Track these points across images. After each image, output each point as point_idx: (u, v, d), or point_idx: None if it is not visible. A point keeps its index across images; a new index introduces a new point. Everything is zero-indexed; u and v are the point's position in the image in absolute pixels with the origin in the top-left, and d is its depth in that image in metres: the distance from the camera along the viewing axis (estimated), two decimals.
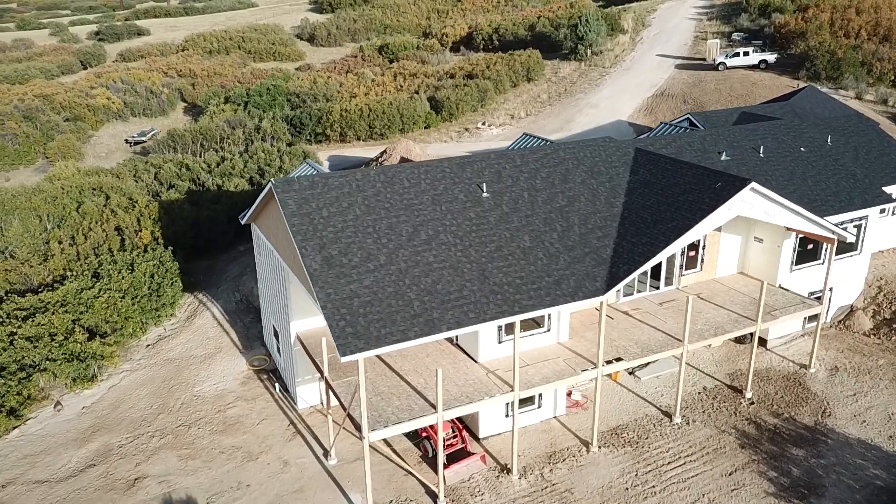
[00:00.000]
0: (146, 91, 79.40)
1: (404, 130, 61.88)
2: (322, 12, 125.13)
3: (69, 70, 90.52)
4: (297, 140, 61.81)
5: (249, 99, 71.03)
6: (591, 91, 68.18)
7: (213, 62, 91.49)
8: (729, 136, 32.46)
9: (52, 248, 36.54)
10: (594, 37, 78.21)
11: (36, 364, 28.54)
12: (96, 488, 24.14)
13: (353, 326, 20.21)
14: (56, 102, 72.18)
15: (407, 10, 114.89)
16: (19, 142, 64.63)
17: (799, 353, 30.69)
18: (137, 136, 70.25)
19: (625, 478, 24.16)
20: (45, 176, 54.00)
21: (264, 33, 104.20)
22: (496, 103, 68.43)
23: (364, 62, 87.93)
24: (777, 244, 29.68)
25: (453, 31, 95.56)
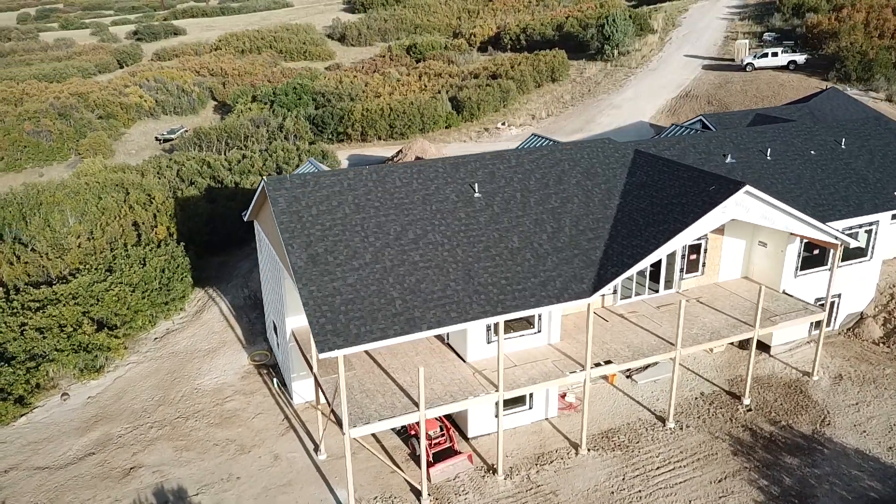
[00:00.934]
0: (178, 90, 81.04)
1: (424, 130, 62.13)
2: (355, 12, 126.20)
3: (106, 69, 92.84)
4: (318, 139, 62.54)
5: (275, 98, 72.01)
6: (614, 92, 67.59)
7: (245, 61, 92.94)
8: (736, 139, 31.98)
9: (69, 241, 37.62)
10: (621, 37, 77.50)
11: (44, 354, 29.46)
12: (93, 476, 24.87)
13: (334, 324, 20.48)
14: (90, 100, 74.12)
15: (437, 10, 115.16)
16: (53, 138, 66.50)
17: (803, 361, 30.10)
18: (167, 134, 71.72)
19: (611, 481, 24.02)
20: (73, 172, 55.61)
21: (295, 33, 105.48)
22: (518, 103, 68.28)
23: (391, 62, 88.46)
24: (781, 249, 29.15)
25: (481, 32, 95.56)
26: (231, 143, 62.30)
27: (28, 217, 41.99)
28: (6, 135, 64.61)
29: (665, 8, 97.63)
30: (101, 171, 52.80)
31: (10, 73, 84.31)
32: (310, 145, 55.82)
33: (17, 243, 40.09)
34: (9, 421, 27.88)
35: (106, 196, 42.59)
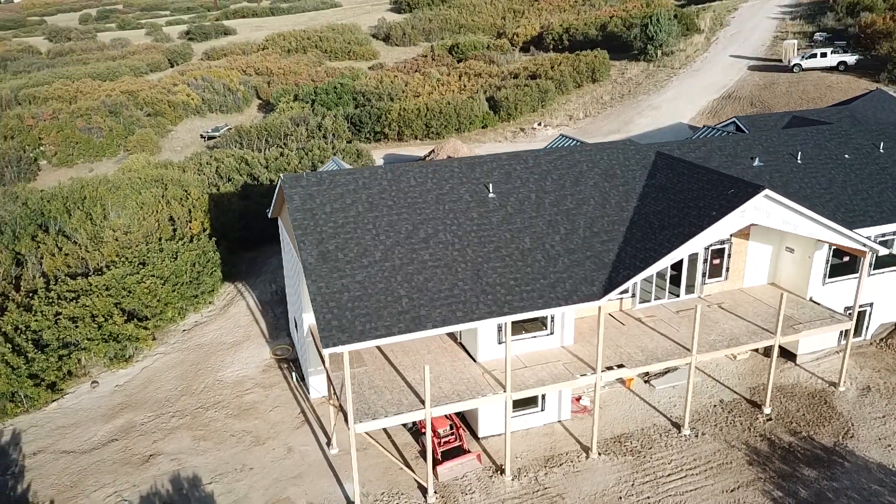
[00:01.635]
0: (224, 88, 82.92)
1: (461, 130, 62.29)
2: (401, 12, 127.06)
3: (157, 68, 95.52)
4: (356, 138, 63.27)
5: (316, 97, 73.10)
6: (654, 92, 66.63)
7: (290, 61, 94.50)
8: (765, 141, 31.26)
9: (107, 235, 38.92)
10: (665, 37, 76.35)
11: (76, 343, 30.57)
12: (114, 461, 25.74)
13: (339, 320, 20.79)
14: (140, 99, 76.39)
15: (482, 10, 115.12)
16: (103, 135, 68.75)
17: (830, 371, 29.26)
18: (211, 132, 73.46)
19: (620, 486, 23.79)
20: (118, 167, 57.46)
21: (341, 33, 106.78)
22: (557, 104, 67.87)
23: (434, 62, 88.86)
24: (808, 255, 28.40)
25: (524, 32, 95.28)
26: (271, 141, 63.48)
27: (71, 210, 43.60)
28: (59, 131, 67.10)
29: (714, 7, 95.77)
30: (145, 166, 54.49)
31: (66, 72, 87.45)
32: (347, 144, 56.49)
33: (61, 235, 41.68)
34: (41, 406, 29.04)
35: (145, 191, 43.90)
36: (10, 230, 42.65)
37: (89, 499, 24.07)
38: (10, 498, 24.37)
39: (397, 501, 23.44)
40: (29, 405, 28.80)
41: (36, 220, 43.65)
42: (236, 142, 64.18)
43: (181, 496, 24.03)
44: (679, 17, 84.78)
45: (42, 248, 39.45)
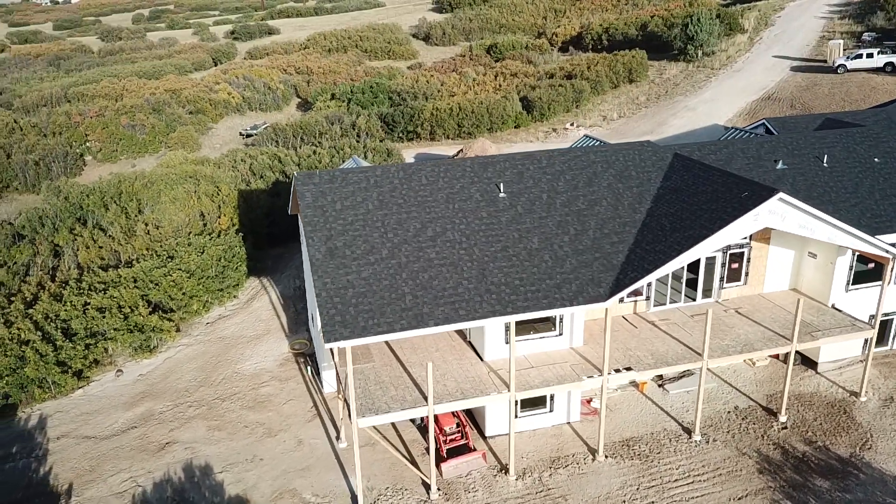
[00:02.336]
0: (264, 87, 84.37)
1: (493, 130, 62.29)
2: (442, 12, 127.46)
3: (201, 67, 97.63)
4: (389, 137, 63.79)
5: (353, 96, 73.85)
6: (692, 93, 65.59)
7: (330, 60, 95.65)
8: (791, 144, 30.61)
9: (138, 228, 40.10)
10: (705, 37, 75.03)
11: (103, 333, 31.59)
12: (132, 448, 26.55)
13: (343, 315, 21.10)
14: (182, 97, 78.20)
15: (523, 10, 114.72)
16: (146, 132, 70.63)
17: (852, 380, 28.50)
18: (250, 129, 74.76)
19: (625, 490, 23.60)
20: (157, 163, 59.04)
21: (381, 32, 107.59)
22: (592, 104, 67.32)
23: (471, 61, 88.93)
24: (830, 261, 27.71)
25: (563, 31, 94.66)
26: (306, 139, 64.44)
27: (108, 205, 45.03)
28: (104, 128, 69.16)
29: (759, 7, 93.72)
30: (182, 163, 55.84)
31: (114, 71, 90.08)
32: (378, 142, 57.01)
33: (97, 229, 43.09)
34: (67, 392, 30.09)
35: (177, 187, 45.06)
36: (50, 223, 44.27)
37: (106, 483, 24.89)
38: (32, 480, 25.35)
39: (401, 497, 23.67)
40: (56, 391, 29.87)
41: (75, 214, 45.21)
42: (272, 139, 65.34)
43: (192, 484, 24.68)
44: (722, 16, 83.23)
45: (79, 241, 40.85)
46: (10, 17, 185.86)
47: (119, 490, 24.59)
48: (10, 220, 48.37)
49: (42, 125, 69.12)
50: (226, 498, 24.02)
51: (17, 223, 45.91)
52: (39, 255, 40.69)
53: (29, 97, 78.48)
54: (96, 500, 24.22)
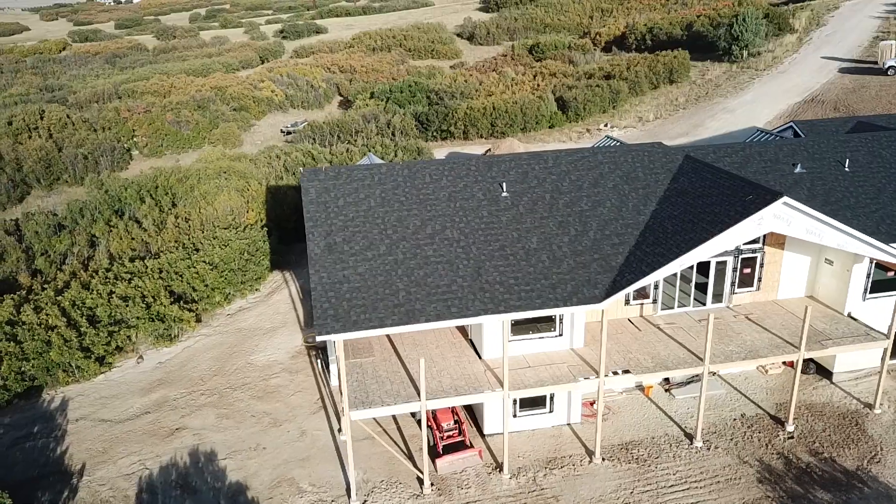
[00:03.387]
0: (307, 85, 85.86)
1: (526, 129, 62.14)
2: (489, 11, 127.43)
3: (249, 65, 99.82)
4: (423, 136, 64.25)
5: (391, 95, 74.54)
6: (732, 95, 64.22)
7: (373, 59, 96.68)
8: (812, 147, 29.85)
9: (168, 221, 41.43)
10: (751, 37, 73.32)
11: (125, 320, 32.78)
12: (144, 432, 27.55)
13: (336, 309, 21.53)
14: (227, 94, 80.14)
15: (569, 9, 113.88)
16: (191, 128, 72.67)
17: (868, 391, 27.67)
18: (290, 127, 76.18)
19: (618, 493, 23.45)
20: (196, 158, 60.73)
21: (425, 32, 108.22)
22: (629, 105, 66.52)
23: (513, 61, 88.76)
24: (847, 268, 26.96)
25: (607, 31, 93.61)
26: (342, 137, 65.40)
27: (144, 198, 46.62)
28: (150, 124, 71.39)
29: (813, 6, 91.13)
30: (219, 158, 57.36)
31: (164, 68, 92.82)
32: (408, 140, 57.50)
33: (133, 221, 44.68)
34: (90, 377, 31.31)
35: (208, 182, 46.35)
36: (89, 214, 46.08)
37: (116, 465, 25.90)
38: (49, 459, 26.54)
39: (394, 490, 24.01)
40: (79, 376, 31.13)
41: (113, 206, 46.94)
42: (309, 137, 66.50)
43: (197, 469, 25.49)
44: (771, 16, 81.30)
45: (113, 232, 42.44)
46: (75, 16, 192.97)
47: (128, 472, 25.56)
48: (54, 210, 50.48)
49: (93, 120, 71.70)
50: (226, 484, 24.74)
51: (61, 214, 47.94)
52: (76, 245, 42.43)
53: (82, 93, 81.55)
54: (106, 480, 25.23)
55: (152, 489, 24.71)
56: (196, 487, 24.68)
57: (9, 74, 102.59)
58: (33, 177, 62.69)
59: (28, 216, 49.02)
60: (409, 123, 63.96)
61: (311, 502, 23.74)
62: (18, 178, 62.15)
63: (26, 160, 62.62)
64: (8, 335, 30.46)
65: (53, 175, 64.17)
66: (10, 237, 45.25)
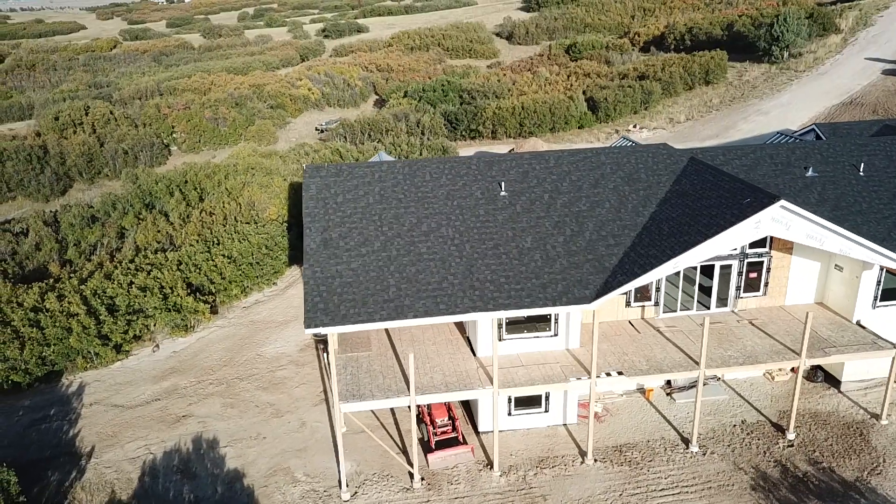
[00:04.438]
0: (343, 84, 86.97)
1: (555, 129, 61.91)
2: (530, 11, 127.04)
3: (289, 63, 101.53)
4: (452, 135, 64.55)
5: (423, 94, 75.03)
6: (768, 97, 62.88)
7: (410, 58, 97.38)
8: (826, 151, 29.20)
9: (193, 215, 42.59)
10: (792, 37, 71.64)
11: (143, 310, 33.87)
12: (152, 418, 28.48)
13: (326, 303, 21.98)
14: (265, 92, 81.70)
15: (611, 9, 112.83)
16: (227, 125, 74.36)
17: (877, 401, 26.93)
18: (325, 125, 77.32)
19: (607, 495, 23.37)
20: (228, 154, 62.12)
21: (464, 31, 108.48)
22: (662, 106, 65.69)
23: (549, 60, 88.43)
24: (856, 275, 26.32)
25: (646, 31, 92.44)
26: (373, 136, 66.14)
27: (173, 192, 47.97)
28: (189, 120, 73.27)
29: (861, 5, 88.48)
30: (250, 155, 58.59)
31: (206, 66, 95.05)
32: (435, 140, 57.85)
33: (161, 214, 46.05)
34: (107, 363, 32.46)
35: (235, 178, 47.45)
36: (121, 207, 47.63)
37: (123, 448, 26.85)
38: (61, 440, 27.65)
39: (385, 483, 24.36)
40: (97, 362, 32.30)
41: (144, 200, 48.40)
42: (341, 135, 67.42)
43: (198, 455, 26.25)
44: (815, 16, 79.28)
45: (142, 225, 43.82)
46: (129, 15, 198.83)
47: (133, 456, 26.47)
48: (90, 203, 52.28)
49: (134, 116, 73.97)
50: (225, 471, 25.43)
51: (96, 206, 49.66)
52: (106, 237, 43.95)
53: (127, 90, 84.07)
54: (112, 462, 26.18)
55: (154, 473, 25.55)
56: (196, 473, 25.42)
57: (62, 71, 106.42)
58: (76, 170, 64.93)
59: (65, 208, 50.94)
60: (437, 122, 64.34)
61: (304, 492, 24.25)
62: (62, 172, 64.44)
63: (70, 154, 64.87)
64: (32, 321, 31.76)
65: (95, 169, 66.33)
66: (47, 228, 47.11)
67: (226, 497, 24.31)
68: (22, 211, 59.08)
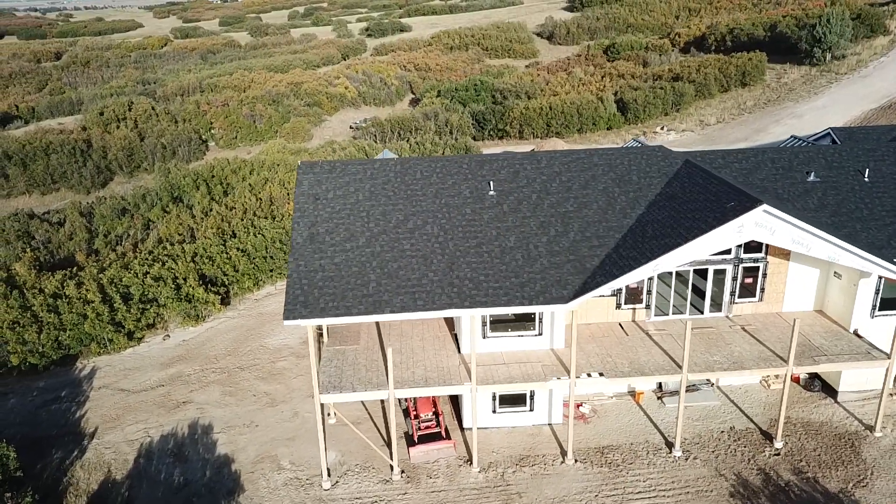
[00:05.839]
0: (380, 82, 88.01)
1: (582, 130, 61.56)
2: (573, 11, 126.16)
3: (329, 62, 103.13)
4: (480, 134, 64.80)
5: (456, 93, 75.44)
6: (804, 100, 61.32)
7: (449, 57, 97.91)
8: (831, 155, 28.56)
9: (214, 209, 43.87)
10: (834, 39, 69.63)
11: (156, 299, 35.13)
12: (154, 402, 29.61)
13: (306, 296, 22.56)
14: (302, 90, 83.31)
15: (655, 9, 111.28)
16: (264, 122, 76.09)
17: (873, 413, 26.21)
18: (360, 123, 78.45)
19: (583, 495, 23.40)
20: (259, 150, 63.61)
21: (504, 31, 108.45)
22: (694, 108, 64.66)
23: (587, 61, 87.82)
24: (853, 283, 25.72)
25: (687, 32, 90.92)
26: (402, 134, 66.86)
27: (200, 186, 49.46)
28: (227, 117, 75.26)
29: None
30: (279, 151, 59.94)
31: (247, 64, 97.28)
32: (459, 139, 58.20)
33: (186, 207, 47.54)
34: (119, 350, 33.82)
35: (258, 173, 48.68)
36: (150, 200, 49.33)
37: (123, 431, 28.01)
38: (68, 420, 28.98)
39: (366, 474, 24.86)
40: (110, 348, 33.67)
41: (172, 193, 50.03)
42: (371, 134, 68.35)
43: (192, 440, 27.21)
44: (863, 16, 76.86)
45: (166, 217, 45.33)
46: (184, 13, 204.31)
47: (132, 438, 27.58)
48: (123, 196, 54.29)
49: (175, 112, 76.26)
50: (215, 456, 26.30)
51: (127, 199, 51.56)
52: (132, 228, 45.62)
53: (170, 87, 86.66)
54: (112, 444, 27.34)
55: (150, 455, 26.59)
56: (188, 457, 26.36)
57: (114, 68, 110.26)
58: (116, 164, 67.36)
59: (100, 200, 53.03)
60: (466, 122, 64.65)
61: (287, 479, 24.94)
62: (103, 165, 66.96)
63: (111, 148, 67.32)
64: (50, 307, 33.30)
65: (135, 163, 68.73)
66: (82, 218, 49.16)
67: (213, 481, 25.15)
68: (64, 202, 61.64)
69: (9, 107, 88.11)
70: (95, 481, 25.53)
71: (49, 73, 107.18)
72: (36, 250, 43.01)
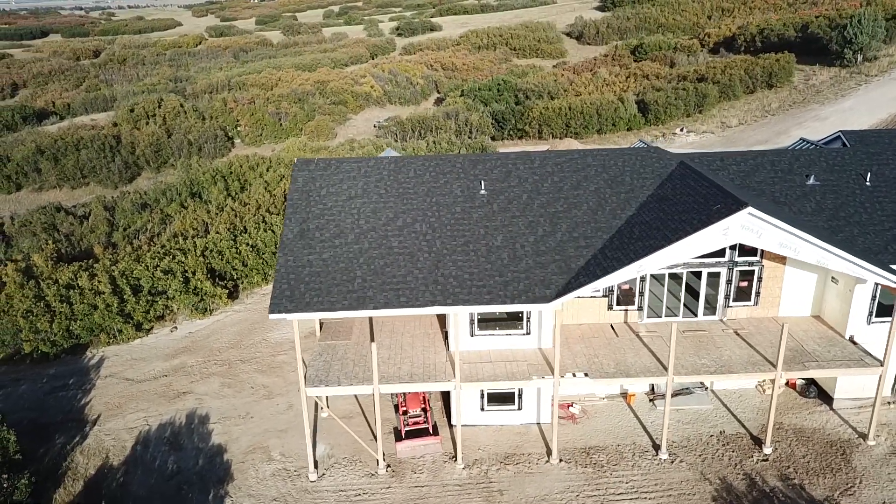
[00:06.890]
0: (406, 81, 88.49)
1: (602, 131, 61.21)
2: (605, 10, 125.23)
3: (358, 61, 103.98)
4: (499, 134, 64.83)
5: (479, 93, 75.54)
6: (830, 102, 60.09)
7: (476, 57, 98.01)
8: (833, 159, 28.10)
9: (228, 204, 44.73)
10: (866, 39, 68.08)
11: (164, 292, 36.02)
12: (155, 392, 30.41)
13: (292, 290, 23.00)
14: (328, 88, 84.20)
15: (686, 8, 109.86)
16: (289, 120, 77.10)
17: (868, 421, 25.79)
18: (384, 122, 79.00)
19: (564, 495, 23.45)
20: (280, 148, 64.54)
21: (532, 30, 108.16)
22: (717, 109, 63.82)
23: (613, 61, 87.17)
24: (849, 288, 25.30)
25: (717, 32, 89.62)
26: (423, 134, 67.21)
27: (218, 183, 50.46)
28: (253, 114, 76.43)
29: None
30: (300, 149, 60.77)
31: (276, 63, 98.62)
32: (476, 138, 58.33)
33: (204, 203, 48.55)
34: (127, 340, 34.76)
35: (273, 170, 49.47)
36: (170, 195, 50.48)
37: (124, 419, 28.84)
38: (73, 407, 29.93)
39: (352, 467, 25.24)
40: (119, 338, 34.63)
41: (192, 189, 51.12)
42: (392, 133, 68.82)
43: (188, 430, 27.90)
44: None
45: (183, 212, 46.35)
46: (222, 12, 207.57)
47: (132, 426, 28.39)
48: (146, 191, 55.60)
49: (203, 110, 77.72)
50: (209, 445, 26.95)
51: (149, 194, 52.81)
52: (150, 222, 46.75)
53: (199, 84, 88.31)
54: (112, 431, 28.17)
55: (146, 443, 27.35)
56: (183, 445, 27.05)
57: (149, 66, 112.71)
58: (143, 160, 68.88)
59: (123, 194, 54.41)
60: (485, 121, 64.74)
61: (276, 470, 25.45)
62: (131, 161, 68.52)
63: (139, 144, 68.88)
64: (63, 297, 34.38)
65: (162, 158, 70.15)
66: (106, 212, 50.51)
67: (205, 469, 25.78)
68: (92, 196, 63.31)
69: (46, 103, 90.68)
70: (93, 466, 26.35)
71: (87, 71, 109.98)
72: (58, 242, 44.34)
